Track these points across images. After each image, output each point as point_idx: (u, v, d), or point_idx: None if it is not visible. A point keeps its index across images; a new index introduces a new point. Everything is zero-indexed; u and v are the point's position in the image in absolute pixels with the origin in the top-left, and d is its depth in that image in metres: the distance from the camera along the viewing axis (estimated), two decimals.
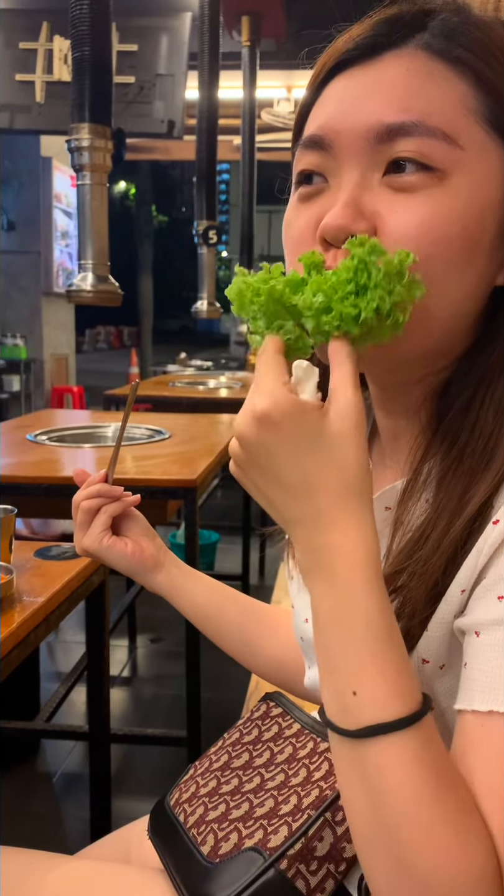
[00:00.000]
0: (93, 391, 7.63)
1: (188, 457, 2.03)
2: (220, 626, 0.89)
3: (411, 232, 0.51)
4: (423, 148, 0.51)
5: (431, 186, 0.51)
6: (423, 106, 0.51)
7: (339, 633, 0.48)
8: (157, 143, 6.43)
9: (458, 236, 0.51)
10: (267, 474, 0.50)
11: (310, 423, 0.48)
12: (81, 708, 2.41)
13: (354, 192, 0.53)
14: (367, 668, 0.46)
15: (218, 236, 2.95)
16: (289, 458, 0.48)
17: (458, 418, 0.55)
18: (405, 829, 0.44)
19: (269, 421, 0.48)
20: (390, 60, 0.53)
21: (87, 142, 1.42)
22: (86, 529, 0.85)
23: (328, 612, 0.48)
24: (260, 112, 4.62)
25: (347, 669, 0.47)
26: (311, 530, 0.49)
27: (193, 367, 5.65)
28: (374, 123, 0.52)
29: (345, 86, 0.55)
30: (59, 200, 7.32)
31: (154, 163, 17.64)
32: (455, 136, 0.51)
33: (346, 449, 0.48)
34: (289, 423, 0.48)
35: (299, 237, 0.56)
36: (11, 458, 1.99)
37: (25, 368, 7.36)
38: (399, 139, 0.51)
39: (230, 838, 0.65)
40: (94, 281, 1.50)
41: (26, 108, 3.93)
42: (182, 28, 3.89)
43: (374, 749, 0.45)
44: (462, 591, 0.51)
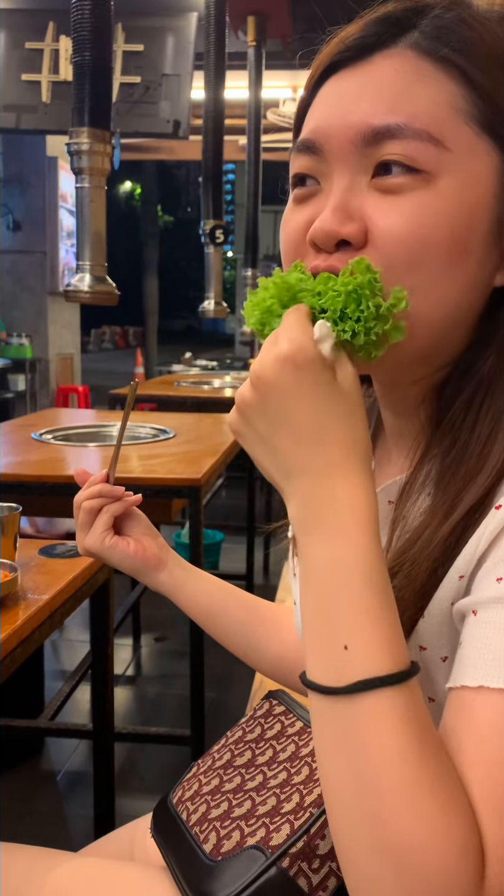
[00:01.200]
0: (98, 391, 7.65)
1: (193, 456, 2.04)
2: (223, 624, 0.89)
3: (399, 234, 0.51)
4: (410, 150, 0.51)
5: (418, 188, 0.51)
6: (409, 107, 0.51)
7: (334, 584, 0.48)
8: (162, 143, 6.44)
9: (446, 239, 0.51)
10: (278, 419, 0.50)
11: (328, 375, 0.49)
12: (85, 706, 2.42)
13: (343, 196, 0.54)
14: (362, 621, 0.46)
15: (225, 236, 2.95)
16: (306, 403, 0.49)
17: (457, 418, 0.55)
18: (387, 790, 0.43)
19: (294, 363, 0.49)
20: (380, 61, 0.53)
21: (87, 146, 1.44)
22: (87, 529, 0.85)
23: (324, 563, 0.48)
24: (265, 112, 4.62)
25: (340, 622, 0.47)
26: (316, 479, 0.49)
27: (198, 367, 5.66)
28: (362, 127, 0.52)
29: (336, 88, 0.55)
30: (64, 200, 7.33)
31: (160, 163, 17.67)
32: (442, 137, 0.51)
33: (354, 407, 0.50)
34: (312, 370, 0.49)
35: (293, 238, 0.57)
36: (16, 457, 1.99)
37: (31, 368, 7.38)
38: (386, 142, 0.52)
39: (232, 836, 0.65)
40: (91, 281, 1.51)
41: (32, 108, 3.94)
42: (188, 28, 3.89)
43: (361, 705, 0.45)
44: (461, 576, 0.51)
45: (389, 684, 0.44)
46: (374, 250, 0.52)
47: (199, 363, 5.93)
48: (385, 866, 0.42)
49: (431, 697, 0.56)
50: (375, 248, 0.52)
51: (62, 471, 1.87)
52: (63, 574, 1.23)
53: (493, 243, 0.54)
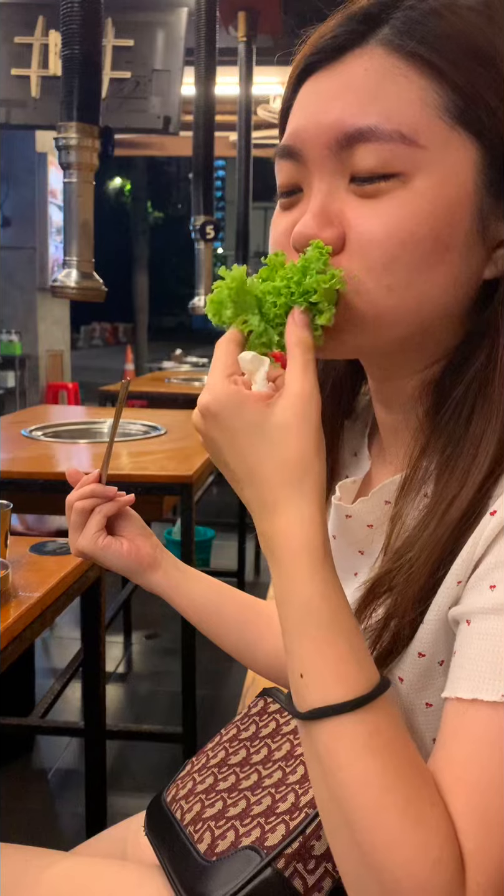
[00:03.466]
0: (88, 388, 7.62)
1: (184, 453, 2.03)
2: (217, 623, 0.88)
3: (377, 237, 0.51)
4: (383, 153, 0.51)
5: (395, 189, 0.51)
6: (380, 107, 0.51)
7: (286, 617, 0.50)
8: (152, 139, 6.41)
9: (426, 237, 0.51)
10: (219, 462, 0.54)
11: (249, 414, 0.50)
12: (76, 704, 2.41)
13: (323, 201, 0.54)
14: (310, 652, 0.48)
15: (215, 232, 2.94)
16: (231, 448, 0.52)
17: (452, 414, 0.55)
18: (355, 810, 0.44)
19: (209, 413, 0.52)
20: (351, 61, 0.53)
21: (75, 140, 1.43)
22: (80, 530, 0.84)
23: (278, 597, 0.51)
24: (256, 108, 4.60)
25: (295, 653, 0.49)
26: (259, 516, 0.52)
27: (189, 364, 5.64)
28: (334, 131, 0.52)
29: (311, 91, 0.55)
30: (54, 196, 7.29)
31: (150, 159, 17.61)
32: (414, 135, 0.50)
33: (287, 439, 0.50)
34: (227, 415, 0.51)
35: (280, 243, 0.58)
36: (6, 454, 1.98)
37: (20, 364, 7.34)
38: (358, 145, 0.51)
39: (227, 836, 0.65)
40: (77, 277, 1.49)
41: (22, 103, 3.91)
42: (178, 23, 3.88)
43: (321, 731, 0.46)
44: (458, 582, 0.51)
45: (344, 711, 0.46)
46: (353, 254, 0.53)
47: (189, 360, 5.91)
48: (368, 879, 0.44)
49: (429, 703, 0.56)
50: (353, 251, 0.53)
51: (52, 468, 1.86)
52: (54, 571, 1.22)
53: (477, 236, 0.53)
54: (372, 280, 0.52)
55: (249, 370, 0.52)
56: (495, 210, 0.53)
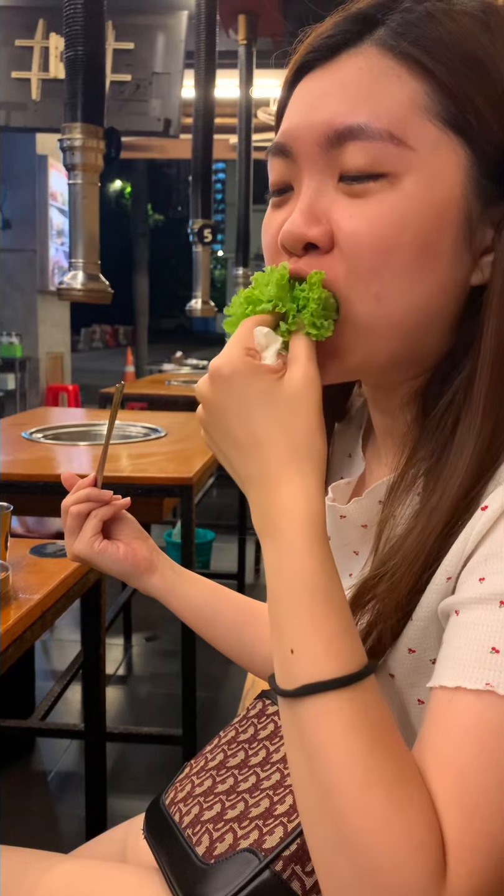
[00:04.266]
0: (88, 390, 7.62)
1: (184, 455, 2.03)
2: (215, 626, 0.88)
3: (364, 239, 0.51)
4: (372, 152, 0.51)
5: (383, 191, 0.51)
6: (371, 106, 0.51)
7: (280, 591, 0.49)
8: (153, 142, 6.42)
9: (411, 243, 0.51)
10: (221, 430, 0.52)
11: (261, 382, 0.50)
12: (76, 706, 2.41)
13: (311, 199, 0.54)
14: (304, 626, 0.47)
15: (213, 235, 2.94)
16: (238, 414, 0.51)
17: (440, 420, 0.55)
18: (338, 791, 0.43)
19: (220, 376, 0.51)
20: (345, 60, 0.53)
21: (80, 141, 1.43)
22: (76, 535, 0.84)
23: (272, 570, 0.50)
24: (256, 111, 4.61)
25: (286, 627, 0.48)
26: (259, 488, 0.51)
27: (189, 366, 5.65)
28: (325, 128, 0.52)
29: (305, 89, 0.55)
30: (54, 199, 7.30)
31: (150, 162, 17.64)
32: (404, 136, 0.50)
33: (296, 410, 0.50)
34: (239, 379, 0.50)
35: (269, 242, 0.58)
36: (7, 456, 1.98)
37: (21, 367, 7.35)
38: (348, 143, 0.51)
39: (225, 839, 0.65)
40: (84, 279, 1.50)
41: (22, 106, 3.92)
42: (178, 26, 3.89)
43: (308, 708, 0.45)
44: (448, 577, 0.51)
45: (334, 688, 0.45)
46: (340, 254, 0.52)
47: (189, 362, 5.91)
48: (345, 865, 0.43)
49: (420, 699, 0.56)
50: (341, 251, 0.52)
51: (53, 470, 1.86)
52: (54, 573, 1.22)
53: (465, 242, 0.53)
54: (361, 287, 0.52)
55: (262, 344, 0.52)
56: (482, 216, 0.53)
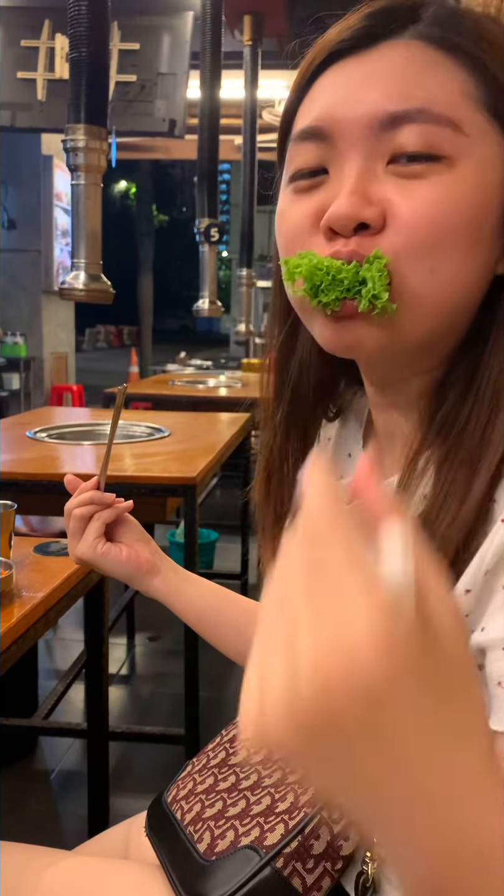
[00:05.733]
0: (92, 390, 7.63)
1: (188, 455, 2.03)
2: (218, 628, 0.88)
3: (421, 218, 0.51)
4: (429, 136, 0.51)
5: (439, 173, 0.51)
6: (425, 94, 0.51)
7: None
8: (157, 143, 6.43)
9: (465, 222, 0.51)
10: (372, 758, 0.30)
11: (425, 660, 0.30)
12: (79, 705, 2.41)
13: (360, 180, 0.52)
14: None
15: (219, 234, 2.94)
16: (416, 724, 0.30)
17: (454, 408, 0.55)
18: None
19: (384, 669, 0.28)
20: (386, 50, 0.53)
21: (83, 142, 1.44)
22: (79, 537, 0.84)
23: None
24: (261, 112, 4.62)
25: None
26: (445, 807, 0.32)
27: (193, 367, 5.65)
28: (377, 111, 0.52)
29: (339, 77, 0.55)
30: (59, 199, 7.32)
31: (155, 162, 17.67)
32: (460, 122, 0.51)
33: (470, 677, 0.33)
34: (409, 667, 0.29)
35: (296, 228, 0.56)
36: (11, 455, 1.99)
37: (25, 367, 7.36)
38: (403, 126, 0.51)
39: (226, 836, 0.65)
40: (86, 279, 1.50)
41: (28, 106, 3.94)
42: (184, 27, 3.89)
43: None
44: (467, 591, 0.49)
45: None
46: (395, 233, 0.52)
47: (193, 363, 5.92)
48: None
49: None
50: (396, 231, 0.51)
51: (57, 469, 1.87)
52: (58, 572, 1.22)
53: (500, 232, 0.54)
54: (417, 261, 0.51)
55: (401, 591, 0.29)
56: None
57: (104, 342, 24.47)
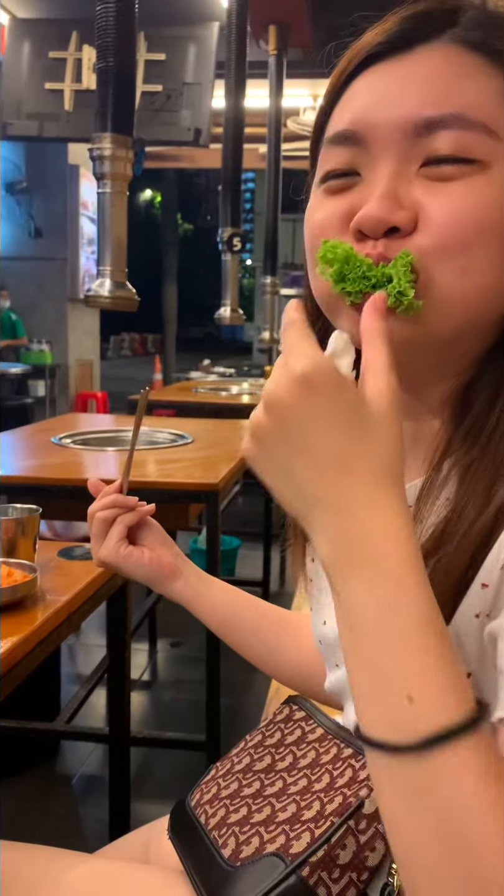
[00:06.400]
0: (116, 397, 7.69)
1: (211, 461, 2.04)
2: (239, 632, 0.88)
3: (453, 219, 0.51)
4: (464, 140, 0.51)
5: (473, 175, 0.51)
6: (462, 99, 0.51)
7: (388, 631, 0.43)
8: (183, 152, 6.47)
9: (497, 224, 0.51)
10: (295, 443, 0.46)
11: (350, 394, 0.45)
12: (101, 710, 2.42)
13: (392, 183, 0.53)
14: (426, 668, 0.42)
15: (242, 243, 2.95)
16: (323, 426, 0.45)
17: (482, 414, 0.54)
18: (485, 852, 0.38)
19: (308, 383, 0.45)
20: (423, 54, 0.53)
21: (109, 151, 1.45)
22: (102, 540, 0.85)
23: (371, 608, 0.44)
24: (286, 121, 4.64)
25: (399, 672, 0.42)
26: (346, 515, 0.45)
27: (216, 374, 5.67)
28: (412, 116, 0.52)
29: (375, 80, 0.55)
30: (85, 208, 7.40)
31: (180, 171, 17.79)
32: (495, 127, 0.51)
33: (384, 428, 0.45)
34: (328, 390, 0.45)
35: (324, 226, 0.56)
36: (36, 461, 2.01)
37: (51, 374, 7.44)
38: (438, 132, 0.51)
39: (252, 842, 0.65)
40: (111, 287, 1.51)
41: (55, 117, 3.98)
42: (209, 37, 3.92)
43: (437, 761, 0.40)
44: (483, 584, 0.49)
45: (464, 734, 0.40)
46: (426, 235, 0.51)
47: (216, 370, 5.93)
48: None
49: None
50: (427, 233, 0.51)
51: (81, 475, 1.88)
52: (81, 576, 1.23)
53: None
54: (448, 260, 0.51)
55: (338, 352, 0.48)
56: None
57: (129, 350, 24.64)
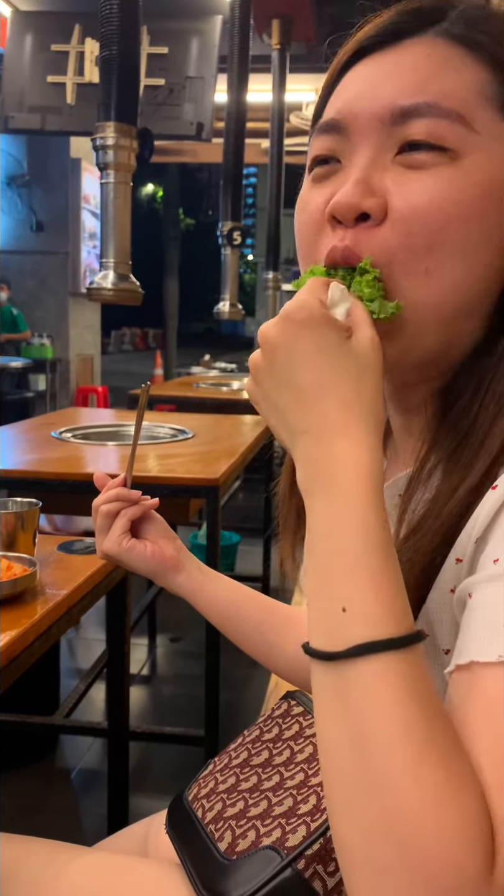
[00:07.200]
0: (117, 392, 7.69)
1: (211, 456, 2.04)
2: (240, 626, 0.89)
3: (419, 208, 0.51)
4: (438, 129, 0.51)
5: (444, 164, 0.51)
6: (438, 88, 0.52)
7: (333, 545, 0.45)
8: (185, 146, 6.46)
9: (466, 217, 0.51)
10: (281, 376, 0.50)
11: (334, 333, 0.49)
12: (100, 705, 2.43)
13: (366, 170, 0.53)
14: (362, 582, 0.44)
15: (243, 238, 2.95)
16: (308, 359, 0.48)
17: (461, 411, 0.55)
18: (391, 765, 0.39)
19: (294, 320, 0.49)
20: (409, 46, 0.54)
21: (112, 140, 1.44)
22: (106, 533, 0.85)
23: (324, 524, 0.46)
24: (289, 115, 4.62)
25: (340, 584, 0.44)
26: (318, 438, 0.48)
27: (217, 370, 5.66)
28: (390, 105, 0.53)
29: (363, 71, 0.56)
30: (87, 201, 7.39)
31: (182, 166, 17.77)
32: (470, 118, 0.51)
33: (367, 367, 0.49)
34: (313, 326, 0.48)
35: (311, 217, 0.57)
36: (36, 455, 2.01)
37: (51, 368, 7.44)
38: (413, 120, 0.52)
39: (248, 836, 0.65)
40: (114, 279, 1.50)
41: (57, 110, 3.97)
42: (212, 31, 3.91)
43: (360, 670, 0.41)
44: (457, 560, 0.50)
45: (391, 648, 0.41)
46: (393, 225, 0.52)
47: (218, 365, 5.93)
48: (387, 846, 0.38)
49: None
50: (394, 222, 0.52)
51: (81, 469, 1.88)
52: (81, 570, 1.23)
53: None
54: (412, 260, 0.52)
55: (335, 300, 0.51)
56: None
57: (129, 344, 24.64)
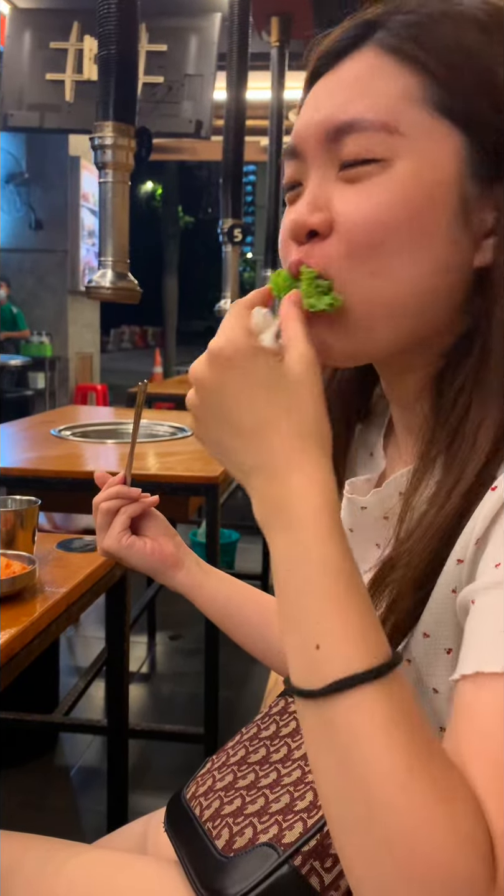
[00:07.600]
0: (116, 390, 7.69)
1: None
2: (240, 623, 0.89)
3: (358, 218, 0.53)
4: (367, 143, 0.53)
5: (376, 174, 0.53)
6: (366, 101, 0.54)
7: (297, 583, 0.46)
8: (184, 144, 6.46)
9: (404, 221, 0.53)
10: (220, 418, 0.51)
11: (264, 363, 0.49)
12: (100, 703, 2.43)
13: (314, 191, 0.56)
14: (331, 618, 0.44)
15: (243, 235, 2.95)
16: (241, 398, 0.49)
17: (454, 402, 0.55)
18: (380, 788, 0.40)
19: (222, 358, 0.49)
20: (348, 63, 0.56)
21: (111, 140, 1.44)
22: (106, 530, 0.86)
23: (286, 563, 0.47)
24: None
25: (308, 622, 0.45)
26: (266, 478, 0.49)
27: None
28: (325, 125, 0.55)
29: (313, 94, 0.59)
30: (86, 199, 7.38)
31: (181, 163, 17.75)
32: (394, 123, 0.53)
33: (301, 394, 0.49)
34: (241, 361, 0.49)
35: (283, 237, 0.60)
36: (36, 453, 2.01)
37: (51, 366, 7.44)
38: (345, 137, 0.54)
39: (245, 833, 0.65)
40: (113, 278, 1.50)
41: (56, 108, 3.98)
42: (211, 28, 3.91)
43: (340, 705, 0.42)
44: (458, 560, 0.50)
45: (367, 681, 0.42)
46: (337, 237, 0.54)
47: None
48: (389, 866, 0.40)
49: (435, 688, 0.55)
50: (339, 234, 0.54)
51: (80, 467, 1.88)
52: (80, 568, 1.23)
53: (460, 222, 0.54)
54: (356, 265, 0.53)
55: (260, 326, 0.51)
56: (481, 199, 0.54)
57: (129, 343, 24.63)
